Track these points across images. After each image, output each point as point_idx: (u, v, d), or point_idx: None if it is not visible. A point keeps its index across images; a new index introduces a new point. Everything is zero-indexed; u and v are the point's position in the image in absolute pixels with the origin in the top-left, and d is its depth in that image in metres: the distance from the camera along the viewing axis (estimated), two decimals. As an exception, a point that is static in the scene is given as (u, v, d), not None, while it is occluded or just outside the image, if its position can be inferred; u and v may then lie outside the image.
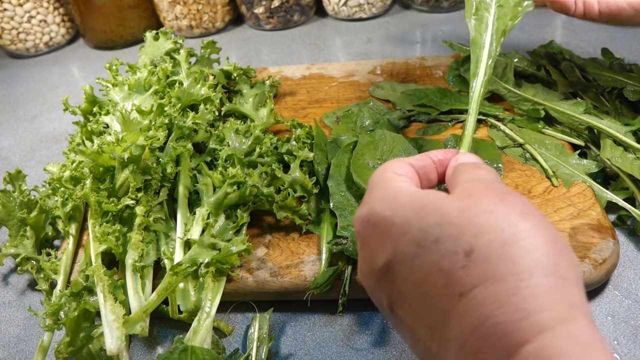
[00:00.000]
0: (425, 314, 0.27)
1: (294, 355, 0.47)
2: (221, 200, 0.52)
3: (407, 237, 0.28)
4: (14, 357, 0.51)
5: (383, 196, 0.31)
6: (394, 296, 0.30)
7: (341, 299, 0.47)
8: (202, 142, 0.61)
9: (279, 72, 0.82)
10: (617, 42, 0.85)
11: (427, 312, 0.27)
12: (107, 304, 0.45)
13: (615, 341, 0.44)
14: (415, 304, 0.28)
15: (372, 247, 0.31)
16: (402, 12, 1.06)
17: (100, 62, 1.04)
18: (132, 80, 0.61)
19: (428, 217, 0.28)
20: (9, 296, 0.57)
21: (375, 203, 0.32)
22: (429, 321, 0.27)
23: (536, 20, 0.96)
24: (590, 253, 0.45)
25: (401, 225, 0.29)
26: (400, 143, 0.55)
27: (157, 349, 0.49)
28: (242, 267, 0.51)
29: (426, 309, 0.27)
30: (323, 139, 0.59)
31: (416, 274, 0.27)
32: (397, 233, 0.29)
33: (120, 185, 0.53)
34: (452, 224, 0.27)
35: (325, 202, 0.54)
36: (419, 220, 0.28)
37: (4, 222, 0.57)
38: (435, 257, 0.27)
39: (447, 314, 0.26)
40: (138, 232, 0.50)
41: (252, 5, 1.03)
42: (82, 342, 0.45)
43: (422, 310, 0.28)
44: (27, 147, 0.82)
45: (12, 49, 1.08)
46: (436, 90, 0.70)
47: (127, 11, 1.04)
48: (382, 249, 0.30)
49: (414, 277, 0.28)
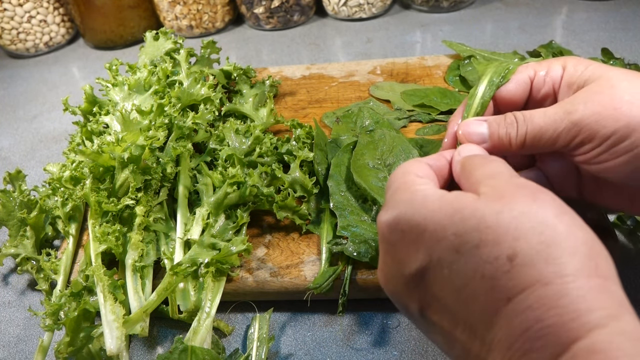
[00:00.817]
0: (466, 317, 0.27)
1: (294, 355, 0.47)
2: (221, 200, 0.52)
3: (444, 243, 0.28)
4: (14, 357, 0.51)
5: (410, 200, 0.31)
6: (428, 301, 0.29)
7: (341, 299, 0.47)
8: (202, 142, 0.61)
9: (279, 72, 0.82)
10: (617, 42, 0.85)
11: (468, 315, 0.27)
12: (107, 304, 0.45)
13: (615, 341, 0.44)
14: (454, 309, 0.28)
15: (401, 253, 0.31)
16: (402, 12, 1.06)
17: (100, 62, 1.05)
18: (132, 80, 0.61)
19: (464, 222, 0.28)
20: (9, 296, 0.57)
21: (402, 207, 0.31)
22: (469, 324, 0.27)
23: (536, 20, 0.96)
24: (590, 253, 0.45)
25: (435, 231, 0.28)
26: (401, 143, 0.55)
27: (157, 349, 0.49)
28: (242, 267, 0.51)
29: (467, 313, 0.27)
30: (323, 139, 0.59)
31: (456, 280, 0.27)
32: (431, 239, 0.29)
33: (120, 185, 0.53)
34: (490, 228, 0.27)
35: (325, 202, 0.54)
36: (454, 225, 0.28)
37: (4, 222, 0.57)
38: (476, 263, 0.27)
39: (492, 317, 0.26)
40: (138, 232, 0.50)
41: (252, 5, 1.03)
42: (82, 342, 0.45)
43: (462, 314, 0.28)
44: (27, 147, 0.82)
45: (12, 49, 1.08)
46: (436, 90, 0.70)
47: (127, 11, 1.04)
48: (415, 256, 0.29)
49: (453, 283, 0.28)
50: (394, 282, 0.32)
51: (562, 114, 0.36)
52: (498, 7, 1.03)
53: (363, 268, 0.48)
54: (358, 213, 0.51)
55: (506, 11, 1.01)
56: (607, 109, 0.34)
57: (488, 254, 0.26)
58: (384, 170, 0.53)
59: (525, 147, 0.38)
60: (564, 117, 0.36)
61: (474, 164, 0.33)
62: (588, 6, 0.97)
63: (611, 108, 0.34)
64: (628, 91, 0.35)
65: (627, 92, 0.35)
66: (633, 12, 0.94)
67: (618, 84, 0.35)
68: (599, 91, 0.36)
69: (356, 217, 0.50)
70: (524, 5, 1.02)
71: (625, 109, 0.34)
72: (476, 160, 0.34)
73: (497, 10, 1.02)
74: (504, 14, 1.00)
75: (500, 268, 0.26)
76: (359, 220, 0.50)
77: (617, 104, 0.34)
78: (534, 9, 1.00)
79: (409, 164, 0.35)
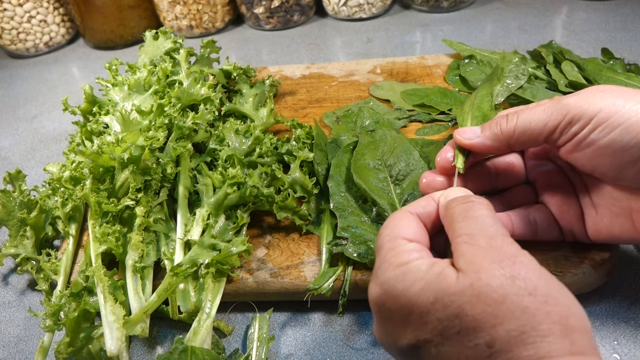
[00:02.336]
0: None
1: (294, 355, 0.47)
2: (221, 201, 0.52)
3: (429, 327, 0.30)
4: (14, 357, 0.51)
5: (395, 278, 0.32)
6: None
7: (341, 299, 0.47)
8: (202, 142, 0.61)
9: (278, 71, 0.82)
10: (617, 42, 0.85)
11: None
12: (108, 305, 0.45)
13: (615, 341, 0.44)
14: None
15: (392, 328, 0.33)
16: (402, 12, 1.06)
17: (100, 62, 1.04)
18: (132, 80, 0.61)
19: (445, 309, 0.29)
20: (9, 296, 0.57)
21: (388, 286, 0.32)
22: None
23: (536, 20, 0.96)
24: (590, 254, 0.45)
25: (420, 315, 0.30)
26: (401, 143, 0.55)
27: (157, 349, 0.49)
28: (242, 268, 0.51)
29: None
30: (323, 139, 0.59)
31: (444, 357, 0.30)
32: (416, 322, 0.31)
33: (120, 186, 0.52)
34: (468, 316, 0.28)
35: (325, 203, 0.54)
36: (437, 312, 0.29)
37: (4, 222, 0.57)
38: (459, 346, 0.29)
39: None
40: (138, 233, 0.50)
41: (252, 5, 1.03)
42: (82, 342, 0.45)
43: None
44: (27, 147, 0.82)
45: (12, 49, 1.08)
46: (436, 90, 0.70)
47: (127, 11, 1.04)
48: (404, 334, 0.31)
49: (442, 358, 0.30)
50: (389, 347, 0.34)
51: (552, 102, 0.39)
52: (498, 7, 1.03)
53: (363, 269, 0.48)
54: (358, 214, 0.51)
55: (506, 11, 1.01)
56: (594, 92, 0.38)
57: (469, 340, 0.28)
58: (384, 171, 0.53)
59: (515, 134, 0.40)
60: (553, 103, 0.39)
61: (455, 213, 0.35)
62: (588, 6, 0.97)
63: (598, 91, 0.37)
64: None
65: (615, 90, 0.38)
66: (633, 12, 0.94)
67: None
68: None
69: (356, 218, 0.50)
70: (524, 5, 1.02)
71: (610, 90, 0.37)
72: (458, 209, 0.35)
73: (497, 10, 1.02)
74: (504, 13, 1.00)
75: (480, 354, 0.28)
76: (359, 221, 0.50)
77: (603, 88, 0.37)
78: (534, 9, 1.00)
79: (398, 220, 0.36)
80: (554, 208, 0.44)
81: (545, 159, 0.47)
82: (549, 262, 0.45)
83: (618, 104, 0.36)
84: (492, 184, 0.48)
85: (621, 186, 0.39)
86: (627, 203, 0.39)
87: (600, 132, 0.36)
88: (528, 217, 0.44)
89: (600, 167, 0.38)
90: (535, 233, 0.45)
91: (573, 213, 0.43)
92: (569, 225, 0.44)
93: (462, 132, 0.43)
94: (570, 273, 0.44)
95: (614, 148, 0.36)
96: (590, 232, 0.43)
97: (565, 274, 0.44)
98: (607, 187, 0.40)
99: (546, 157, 0.47)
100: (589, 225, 0.43)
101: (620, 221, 0.40)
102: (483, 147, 0.42)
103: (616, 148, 0.36)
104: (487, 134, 0.42)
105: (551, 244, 0.46)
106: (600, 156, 0.37)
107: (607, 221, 0.41)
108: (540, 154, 0.47)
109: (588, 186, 0.42)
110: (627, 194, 0.39)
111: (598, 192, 0.41)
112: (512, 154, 0.47)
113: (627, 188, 0.39)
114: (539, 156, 0.47)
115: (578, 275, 0.44)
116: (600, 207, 0.41)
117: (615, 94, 0.37)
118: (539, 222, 0.44)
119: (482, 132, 0.42)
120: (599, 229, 0.42)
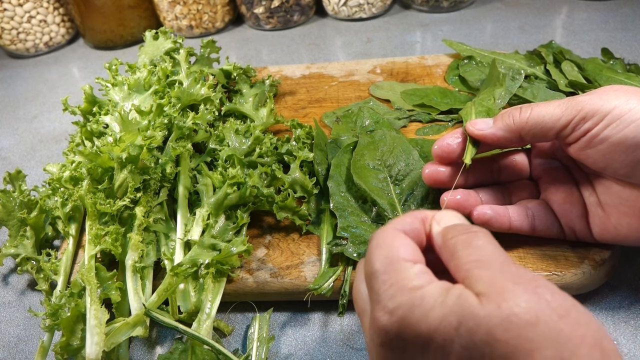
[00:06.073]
0: None
1: (294, 355, 0.47)
2: (221, 201, 0.52)
3: (452, 357, 0.27)
4: (14, 357, 0.51)
5: (409, 303, 0.28)
6: None
7: (341, 299, 0.47)
8: (202, 142, 0.61)
9: (278, 71, 0.82)
10: (617, 42, 0.85)
11: None
12: (92, 308, 0.44)
13: (615, 341, 0.44)
14: None
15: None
16: (402, 12, 1.06)
17: (100, 62, 1.04)
18: (132, 80, 0.61)
19: (471, 335, 0.26)
20: (9, 296, 0.57)
21: (403, 311, 0.28)
22: None
23: (536, 20, 0.96)
24: (590, 254, 0.45)
25: (442, 343, 0.27)
26: (401, 144, 0.55)
27: (157, 349, 0.49)
28: (242, 268, 0.51)
29: None
30: (323, 139, 0.59)
31: None
32: (437, 352, 0.27)
33: (119, 186, 0.52)
34: (500, 342, 0.25)
35: (325, 203, 0.54)
36: (461, 338, 0.26)
37: (4, 222, 0.57)
38: None
39: None
40: (138, 233, 0.50)
41: (252, 5, 1.03)
42: (78, 343, 0.45)
43: None
44: (27, 147, 0.82)
45: (12, 49, 1.08)
46: (436, 89, 0.70)
47: (127, 11, 1.04)
48: None
49: None
50: None
51: (566, 99, 0.39)
52: (498, 7, 1.02)
53: (363, 268, 0.48)
54: (358, 214, 0.51)
55: (506, 11, 1.01)
56: (607, 90, 0.38)
57: None
58: (384, 171, 0.53)
59: (528, 126, 0.40)
60: (567, 100, 0.39)
61: (458, 242, 0.31)
62: (588, 6, 0.97)
63: (611, 90, 0.38)
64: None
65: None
66: (633, 12, 0.94)
67: None
68: None
69: (356, 218, 0.50)
70: (524, 5, 1.02)
71: (624, 89, 0.37)
72: (460, 238, 0.31)
73: (497, 10, 1.02)
74: (504, 14, 1.00)
75: None
76: (359, 221, 0.50)
77: (617, 87, 0.38)
78: (534, 9, 1.00)
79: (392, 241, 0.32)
80: (555, 205, 0.44)
81: (551, 157, 0.47)
82: (549, 262, 0.45)
83: (632, 102, 0.36)
84: (493, 178, 0.48)
85: (631, 185, 0.39)
86: (636, 202, 0.39)
87: (614, 128, 0.37)
88: (526, 211, 0.44)
89: (612, 164, 0.38)
90: (534, 228, 0.44)
91: (576, 211, 0.43)
92: (571, 223, 0.44)
93: (474, 123, 0.43)
94: (570, 273, 0.44)
95: (628, 145, 0.37)
96: (596, 231, 0.42)
97: (565, 274, 0.44)
98: (616, 186, 0.40)
99: (552, 155, 0.47)
100: (595, 225, 0.42)
101: (628, 220, 0.40)
102: (495, 137, 0.42)
103: (629, 145, 0.36)
104: (499, 124, 0.42)
105: (551, 244, 0.46)
106: (613, 153, 0.38)
107: (615, 220, 0.41)
108: (547, 152, 0.47)
109: (595, 185, 0.42)
110: (636, 193, 0.39)
111: (606, 191, 0.41)
112: (517, 153, 0.47)
113: (637, 186, 0.39)
114: (545, 154, 0.47)
115: (578, 275, 0.44)
116: (607, 207, 0.41)
117: (630, 92, 0.37)
118: (537, 217, 0.44)
119: (495, 123, 0.42)
120: (605, 228, 0.42)
